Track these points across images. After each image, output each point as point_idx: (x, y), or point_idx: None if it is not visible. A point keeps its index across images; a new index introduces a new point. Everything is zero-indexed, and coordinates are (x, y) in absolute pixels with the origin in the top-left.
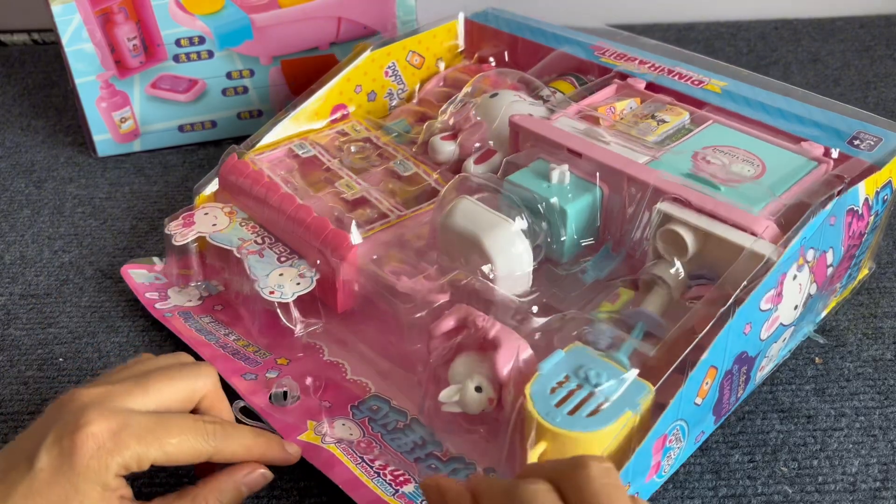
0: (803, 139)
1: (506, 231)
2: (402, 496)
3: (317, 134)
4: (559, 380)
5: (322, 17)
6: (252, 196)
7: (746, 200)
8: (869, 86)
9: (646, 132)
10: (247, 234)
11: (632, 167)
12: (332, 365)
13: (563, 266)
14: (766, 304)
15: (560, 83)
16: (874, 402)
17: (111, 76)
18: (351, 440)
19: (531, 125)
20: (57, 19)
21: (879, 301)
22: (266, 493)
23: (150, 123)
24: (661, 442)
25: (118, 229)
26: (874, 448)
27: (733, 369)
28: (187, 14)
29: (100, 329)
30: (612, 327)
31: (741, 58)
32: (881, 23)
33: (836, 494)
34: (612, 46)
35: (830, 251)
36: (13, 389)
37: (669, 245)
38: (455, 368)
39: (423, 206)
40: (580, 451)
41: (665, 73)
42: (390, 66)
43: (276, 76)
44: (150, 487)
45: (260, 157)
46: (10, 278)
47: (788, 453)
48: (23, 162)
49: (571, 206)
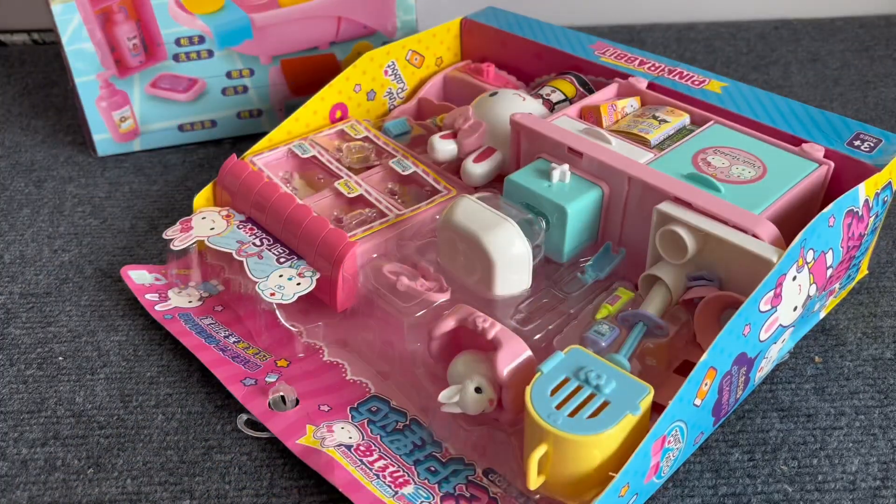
0: (804, 140)
1: (506, 230)
2: (402, 497)
3: (316, 134)
4: (559, 381)
5: (322, 16)
6: (251, 196)
7: (747, 202)
8: (868, 85)
9: (647, 132)
10: (245, 236)
11: (633, 167)
12: (332, 365)
13: (563, 266)
14: (765, 306)
15: (560, 82)
16: (874, 400)
17: (111, 76)
18: (350, 444)
19: (532, 124)
20: (57, 19)
21: (879, 300)
22: (266, 491)
23: (150, 123)
24: (660, 443)
25: (118, 228)
26: (874, 447)
27: (732, 370)
28: (187, 13)
29: (99, 328)
30: (612, 328)
31: (741, 58)
32: (881, 23)
33: (836, 493)
34: (612, 46)
35: (830, 252)
36: (13, 388)
37: (669, 246)
38: (455, 369)
39: (421, 206)
40: (582, 453)
41: (665, 73)
42: (390, 66)
43: (275, 75)
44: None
45: (259, 158)
46: (9, 277)
47: (788, 452)
48: (23, 161)
49: (572, 205)
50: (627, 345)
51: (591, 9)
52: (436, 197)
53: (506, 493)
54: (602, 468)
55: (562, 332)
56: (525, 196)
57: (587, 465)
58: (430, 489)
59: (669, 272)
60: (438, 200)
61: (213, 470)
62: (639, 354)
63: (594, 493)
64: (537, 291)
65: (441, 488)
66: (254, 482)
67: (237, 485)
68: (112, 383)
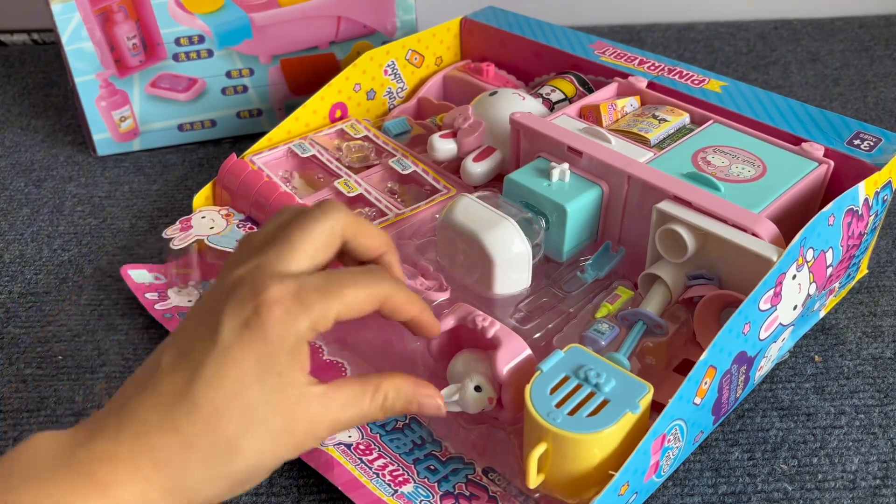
0: (804, 139)
1: (505, 229)
2: (402, 496)
3: (316, 133)
4: (559, 380)
5: (321, 16)
6: (251, 195)
7: (747, 200)
8: (868, 85)
9: (646, 131)
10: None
11: (632, 166)
12: (332, 364)
13: (562, 265)
14: (765, 304)
15: (560, 81)
16: (874, 399)
17: (111, 75)
18: (349, 442)
19: (532, 123)
20: (56, 18)
21: (879, 300)
22: (265, 490)
23: (150, 122)
24: (659, 441)
25: (117, 228)
26: (874, 446)
27: (732, 369)
28: (187, 13)
29: (99, 327)
30: (612, 327)
31: (741, 58)
32: (880, 23)
33: (836, 492)
34: (611, 46)
35: (830, 251)
36: (12, 387)
37: (669, 245)
38: (454, 367)
39: (421, 205)
40: (581, 451)
41: (665, 73)
42: (389, 65)
43: (275, 75)
44: None
45: (259, 157)
46: (9, 277)
47: (788, 451)
48: (22, 161)
49: (571, 204)
50: (627, 343)
51: (591, 9)
52: (435, 196)
53: (505, 492)
54: (602, 467)
55: (561, 331)
56: (525, 195)
57: (587, 463)
58: (430, 488)
59: (669, 271)
60: (438, 199)
61: None
62: (638, 353)
63: (594, 492)
64: (537, 290)
65: (440, 487)
66: None
67: None
68: (112, 382)
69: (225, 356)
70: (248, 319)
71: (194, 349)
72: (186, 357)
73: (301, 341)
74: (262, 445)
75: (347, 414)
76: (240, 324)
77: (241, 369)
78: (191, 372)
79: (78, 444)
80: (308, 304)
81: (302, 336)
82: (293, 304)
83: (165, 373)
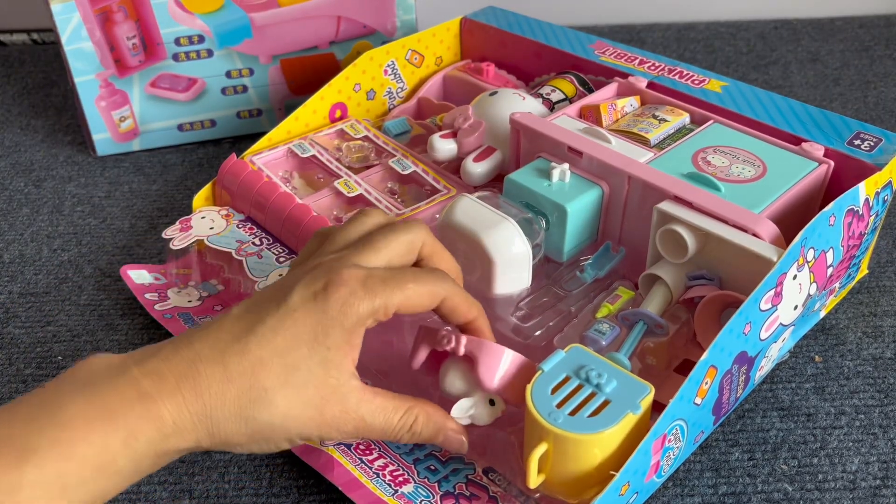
0: (804, 139)
1: (506, 229)
2: (402, 496)
3: (316, 133)
4: (560, 380)
5: (321, 15)
6: (251, 196)
7: (747, 201)
8: (868, 85)
9: (646, 131)
10: (244, 235)
11: (632, 166)
12: None
13: (562, 265)
14: (765, 304)
15: (560, 81)
16: (874, 400)
17: (110, 75)
18: (349, 443)
19: (532, 123)
20: (56, 18)
21: (879, 300)
22: (265, 490)
23: (150, 122)
24: (660, 442)
25: (117, 228)
26: (874, 446)
27: (732, 369)
28: (187, 13)
29: (99, 327)
30: (613, 327)
31: (741, 58)
32: (880, 23)
33: (836, 492)
34: (612, 46)
35: (830, 251)
36: (12, 388)
37: (669, 245)
38: (452, 384)
39: (421, 205)
40: (582, 452)
41: (665, 73)
42: (389, 65)
43: (275, 75)
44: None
45: (259, 157)
46: (9, 277)
47: (788, 451)
48: (22, 161)
49: (571, 204)
50: (628, 344)
51: (591, 8)
52: (435, 196)
53: (506, 492)
54: (602, 467)
55: (562, 331)
56: (525, 195)
57: (587, 463)
58: (430, 488)
59: (669, 271)
60: (438, 200)
61: (212, 469)
62: (639, 353)
63: (594, 492)
64: (537, 290)
65: (441, 487)
66: (253, 481)
67: (236, 484)
68: None
69: (286, 316)
70: (317, 293)
71: (262, 308)
72: (253, 311)
73: (359, 324)
74: (291, 408)
75: (376, 421)
76: (309, 295)
77: (296, 331)
78: (252, 322)
79: (134, 362)
80: (373, 291)
81: (362, 318)
82: (359, 288)
83: (230, 319)
